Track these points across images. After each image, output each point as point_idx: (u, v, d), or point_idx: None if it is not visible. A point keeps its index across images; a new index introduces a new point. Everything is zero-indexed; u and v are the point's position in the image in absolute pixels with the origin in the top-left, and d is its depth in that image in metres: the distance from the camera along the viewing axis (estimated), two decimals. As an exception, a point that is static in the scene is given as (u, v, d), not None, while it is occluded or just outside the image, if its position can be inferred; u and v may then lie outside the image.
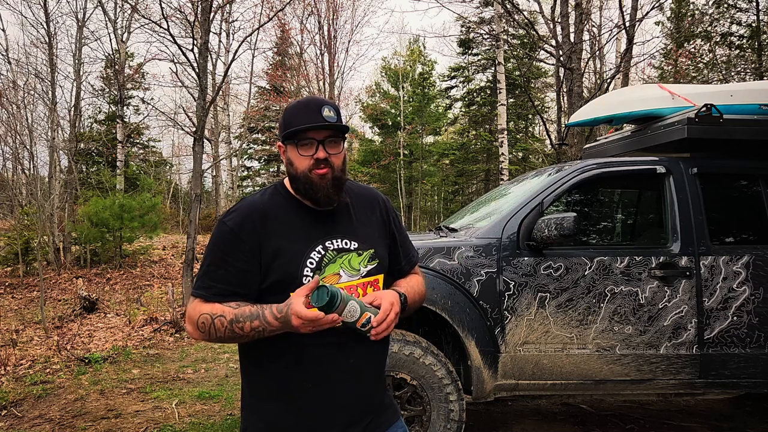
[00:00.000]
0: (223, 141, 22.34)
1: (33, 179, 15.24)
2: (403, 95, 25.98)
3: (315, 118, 1.37)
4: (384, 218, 1.57)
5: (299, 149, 1.39)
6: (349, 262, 1.43)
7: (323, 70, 18.39)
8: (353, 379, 1.42)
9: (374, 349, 1.47)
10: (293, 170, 1.42)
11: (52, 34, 15.66)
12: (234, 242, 1.38)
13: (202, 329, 1.35)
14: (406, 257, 1.63)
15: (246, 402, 1.48)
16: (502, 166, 13.07)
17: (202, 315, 1.35)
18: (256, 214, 1.41)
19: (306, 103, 1.42)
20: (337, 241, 1.43)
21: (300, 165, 1.40)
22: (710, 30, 14.15)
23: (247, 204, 1.44)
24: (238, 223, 1.39)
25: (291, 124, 1.40)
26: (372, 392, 1.49)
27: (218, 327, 1.32)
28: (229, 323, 1.31)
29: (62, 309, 9.43)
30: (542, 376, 3.13)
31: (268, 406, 1.42)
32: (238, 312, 1.32)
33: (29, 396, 4.73)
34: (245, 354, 1.47)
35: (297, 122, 1.38)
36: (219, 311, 1.33)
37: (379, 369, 1.52)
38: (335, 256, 1.42)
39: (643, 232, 4.34)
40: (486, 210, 3.79)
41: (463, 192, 25.94)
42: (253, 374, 1.46)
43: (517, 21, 11.74)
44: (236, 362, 5.73)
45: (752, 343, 3.19)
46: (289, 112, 1.42)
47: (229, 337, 1.33)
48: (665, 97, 3.73)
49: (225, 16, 18.18)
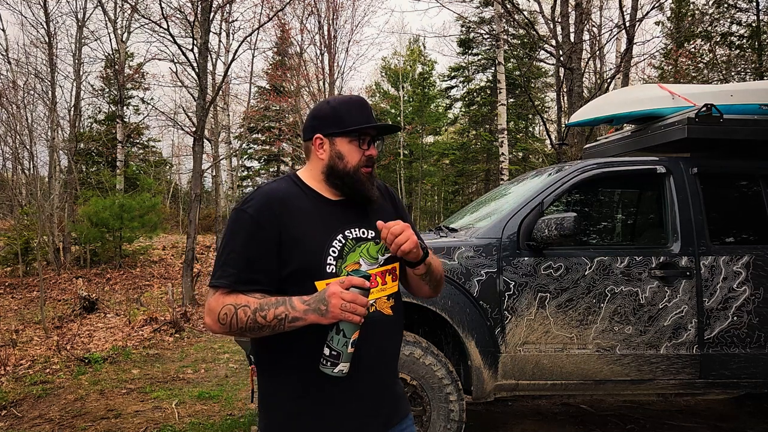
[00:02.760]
0: (223, 141, 22.32)
1: (33, 179, 15.25)
2: (403, 95, 26.00)
3: (370, 117, 1.46)
4: (394, 206, 1.61)
5: (359, 143, 1.45)
6: (367, 250, 1.44)
7: (323, 70, 18.37)
8: (372, 371, 1.42)
9: (391, 341, 1.50)
10: (342, 164, 1.45)
11: (52, 34, 15.68)
12: (254, 229, 1.37)
13: (223, 321, 1.32)
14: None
15: (264, 398, 1.47)
16: (502, 166, 13.06)
17: (225, 306, 1.32)
18: (275, 202, 1.40)
19: (359, 102, 1.49)
20: (356, 230, 1.44)
21: (353, 159, 1.45)
22: (710, 30, 14.14)
23: (265, 191, 1.44)
24: (258, 210, 1.38)
25: (345, 120, 1.44)
26: (389, 383, 1.50)
27: (241, 317, 1.30)
28: (253, 312, 1.30)
29: (62, 309, 9.43)
30: (542, 376, 3.13)
31: (288, 400, 1.41)
32: (263, 301, 1.31)
33: (29, 396, 4.73)
34: (264, 349, 1.46)
35: (358, 119, 1.44)
36: (243, 301, 1.32)
37: (394, 360, 1.53)
38: (354, 245, 1.43)
39: (643, 232, 4.33)
40: (486, 210, 3.79)
41: (463, 192, 25.94)
42: (272, 369, 1.45)
43: (517, 21, 11.75)
44: (236, 362, 5.73)
45: (752, 343, 3.18)
46: (342, 108, 1.46)
47: (251, 327, 1.31)
48: (665, 97, 3.73)
49: (225, 16, 18.14)
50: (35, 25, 16.74)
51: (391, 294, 1.48)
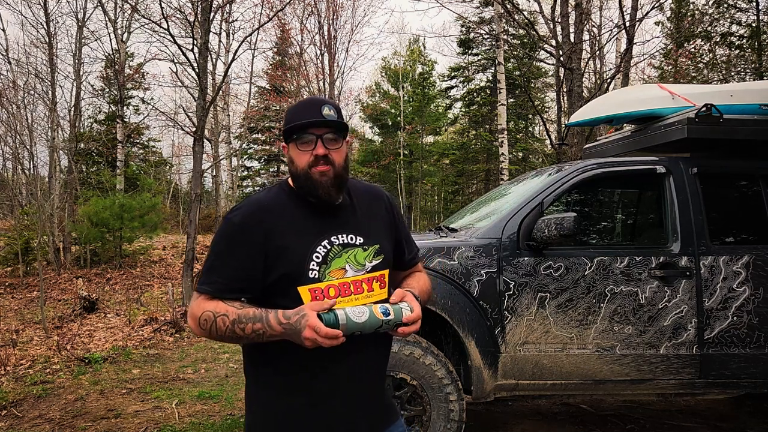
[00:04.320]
0: (223, 141, 22.34)
1: (33, 179, 15.25)
2: (403, 95, 25.99)
3: (314, 116, 1.39)
4: (389, 214, 1.59)
5: (299, 145, 1.41)
6: (354, 256, 1.44)
7: (323, 70, 18.39)
8: (359, 377, 1.43)
9: (379, 350, 1.50)
10: (294, 168, 1.43)
11: (52, 34, 15.68)
12: (240, 238, 1.39)
13: (204, 327, 1.35)
14: (410, 252, 1.66)
15: (251, 397, 1.49)
16: (502, 166, 13.06)
17: (205, 312, 1.35)
18: (261, 211, 1.42)
19: (307, 102, 1.45)
20: (343, 237, 1.44)
21: (300, 162, 1.41)
22: (710, 30, 14.14)
23: (253, 201, 1.45)
24: (244, 219, 1.40)
25: (291, 121, 1.42)
26: (375, 390, 1.51)
27: (220, 326, 1.33)
28: (232, 323, 1.32)
29: (62, 309, 9.43)
30: (542, 376, 3.13)
31: (275, 401, 1.43)
32: (242, 312, 1.32)
33: (29, 396, 4.73)
34: (252, 348, 1.47)
35: (297, 120, 1.41)
36: (223, 310, 1.34)
37: (382, 368, 1.54)
38: (341, 250, 1.42)
39: (643, 232, 4.34)
40: (486, 210, 3.79)
41: (463, 192, 25.94)
42: (260, 369, 1.46)
43: (517, 21, 11.75)
44: (236, 362, 5.73)
45: (752, 343, 3.18)
46: (290, 111, 1.45)
47: (230, 337, 1.34)
48: (665, 97, 3.73)
49: (225, 16, 18.16)
50: (35, 25, 16.76)
51: (378, 301, 1.47)
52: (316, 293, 1.38)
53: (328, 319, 1.28)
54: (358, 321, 1.29)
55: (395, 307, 1.35)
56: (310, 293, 1.37)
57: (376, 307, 1.33)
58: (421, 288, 1.57)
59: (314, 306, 1.30)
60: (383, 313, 1.32)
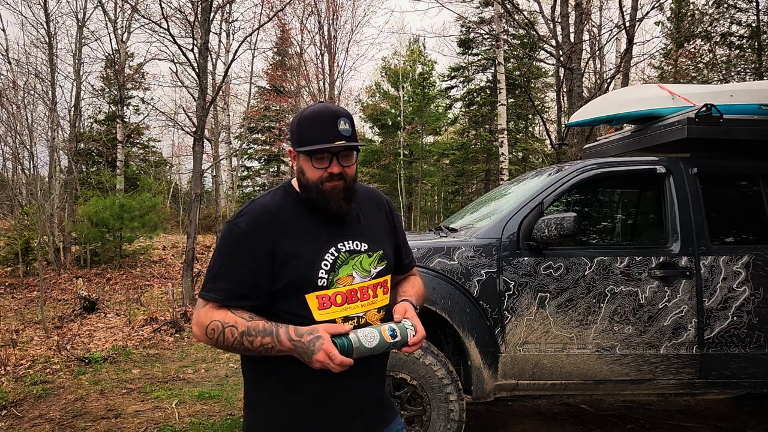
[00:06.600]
0: (223, 141, 22.32)
1: (33, 179, 15.23)
2: (403, 95, 25.98)
3: (330, 134, 1.34)
4: (389, 219, 1.59)
5: (313, 161, 1.37)
6: (360, 263, 1.43)
7: (323, 70, 18.39)
8: (358, 378, 1.43)
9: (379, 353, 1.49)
10: (305, 180, 1.40)
11: (52, 34, 15.68)
12: (246, 244, 1.36)
13: (211, 336, 1.33)
14: (407, 257, 1.68)
15: (250, 399, 1.48)
16: (502, 166, 13.06)
17: (213, 322, 1.33)
18: (267, 216, 1.39)
19: (320, 114, 1.36)
20: (349, 243, 1.43)
21: (312, 176, 1.38)
22: (710, 30, 14.14)
23: (258, 205, 1.42)
24: (250, 225, 1.38)
25: (304, 137, 1.36)
26: (374, 391, 1.51)
27: (228, 337, 1.31)
28: (240, 335, 1.30)
29: (62, 309, 9.43)
30: (542, 376, 3.13)
31: (273, 402, 1.42)
32: (251, 325, 1.30)
33: (29, 396, 4.73)
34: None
35: (311, 136, 1.35)
36: (231, 321, 1.31)
37: (381, 369, 1.54)
38: (348, 257, 1.42)
39: (643, 232, 4.34)
40: (486, 210, 3.79)
41: (463, 192, 25.93)
42: (259, 371, 1.45)
43: (517, 21, 11.75)
44: (236, 362, 5.73)
45: (752, 343, 3.19)
46: (302, 124, 1.38)
47: (236, 348, 1.32)
48: (665, 97, 3.73)
49: (225, 16, 18.16)
50: (35, 25, 16.79)
51: (381, 306, 1.48)
52: (324, 300, 1.37)
53: (341, 344, 1.28)
54: (369, 346, 1.32)
55: (401, 326, 1.38)
56: (317, 300, 1.37)
57: (385, 329, 1.35)
58: (417, 294, 1.61)
59: (329, 329, 1.29)
60: (391, 335, 1.35)
